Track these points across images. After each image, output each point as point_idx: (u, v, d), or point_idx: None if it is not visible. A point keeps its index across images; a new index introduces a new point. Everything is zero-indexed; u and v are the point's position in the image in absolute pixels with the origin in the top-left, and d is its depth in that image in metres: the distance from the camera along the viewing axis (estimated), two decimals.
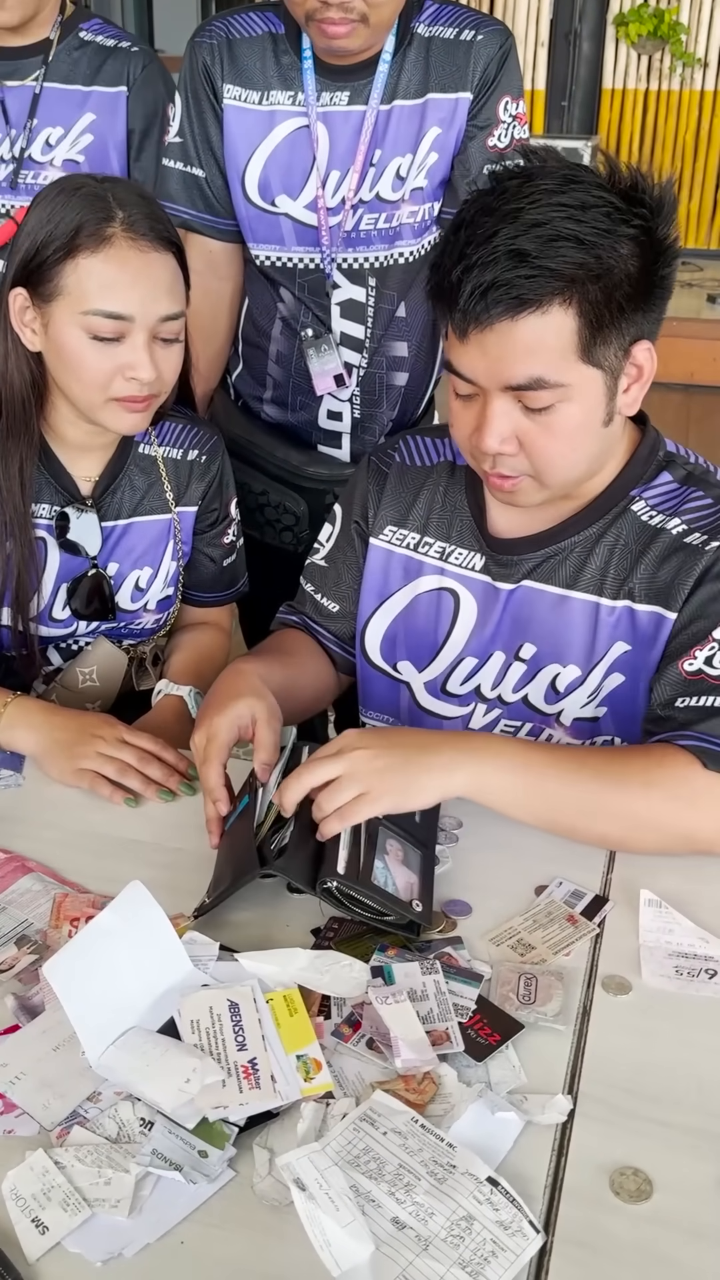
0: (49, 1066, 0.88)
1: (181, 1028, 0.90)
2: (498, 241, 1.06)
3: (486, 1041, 0.93)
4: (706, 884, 1.12)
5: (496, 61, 1.61)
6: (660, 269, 1.12)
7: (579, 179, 1.09)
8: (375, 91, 1.60)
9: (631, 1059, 0.93)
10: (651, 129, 6.74)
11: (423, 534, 1.34)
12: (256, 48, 1.63)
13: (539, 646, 1.27)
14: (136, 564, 1.51)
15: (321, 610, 1.43)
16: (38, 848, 1.16)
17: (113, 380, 1.31)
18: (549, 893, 1.11)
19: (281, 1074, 0.87)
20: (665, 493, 1.23)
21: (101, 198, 1.29)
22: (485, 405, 1.13)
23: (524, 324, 1.07)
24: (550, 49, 6.70)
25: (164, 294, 1.31)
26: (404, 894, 1.05)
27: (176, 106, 1.69)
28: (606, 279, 1.07)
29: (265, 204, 1.66)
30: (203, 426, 1.54)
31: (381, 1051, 0.92)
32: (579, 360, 1.10)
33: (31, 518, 1.41)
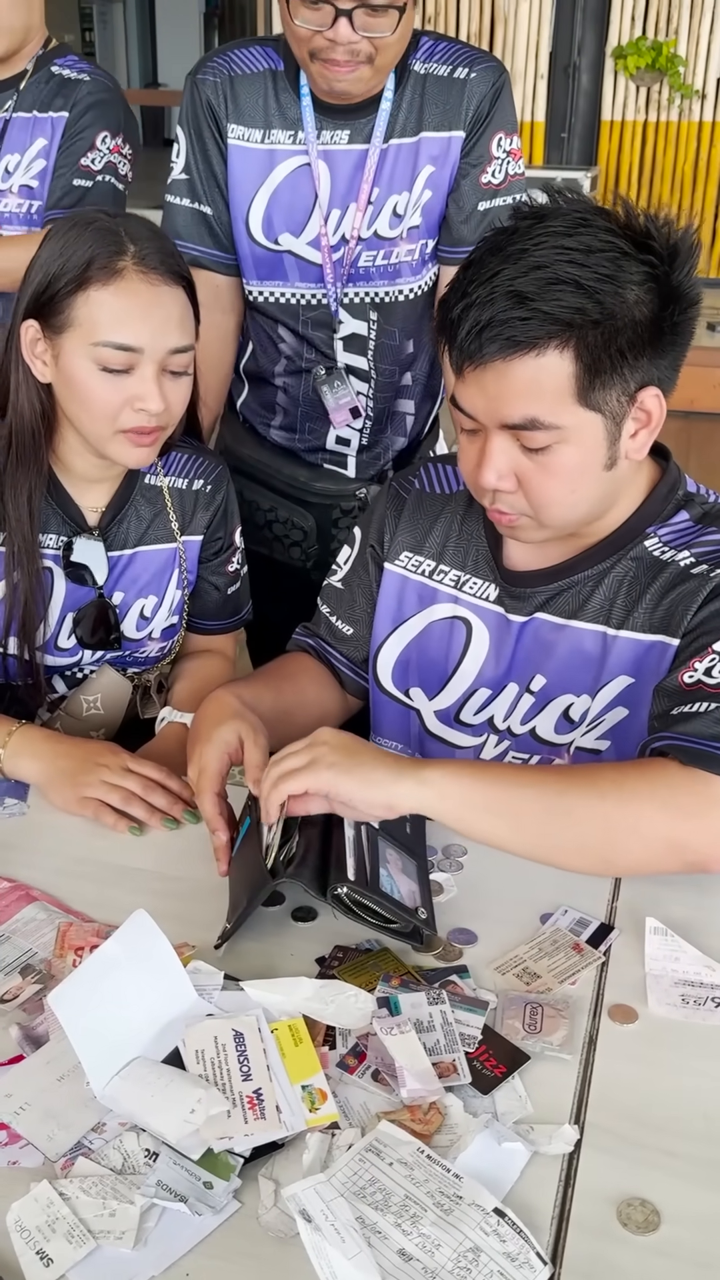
0: (53, 1097, 0.88)
1: (186, 1058, 0.90)
2: (498, 281, 1.07)
3: (492, 1073, 0.93)
4: (713, 912, 1.12)
5: (489, 99, 1.62)
6: (675, 315, 1.11)
7: (590, 222, 1.09)
8: (378, 130, 1.62)
9: (638, 1088, 0.93)
10: (650, 160, 6.79)
11: (438, 561, 1.35)
12: (257, 85, 1.64)
13: (549, 678, 1.27)
14: (142, 593, 1.51)
15: (336, 633, 1.44)
16: (42, 876, 1.16)
17: (121, 411, 1.32)
18: (554, 921, 1.11)
19: (287, 1104, 0.87)
20: (680, 530, 1.23)
21: (114, 232, 1.30)
22: (485, 441, 1.14)
23: (518, 365, 1.08)
24: (549, 81, 6.77)
25: (174, 327, 1.32)
26: (408, 901, 1.06)
27: (180, 143, 1.71)
28: (608, 325, 1.07)
29: (269, 242, 1.67)
30: (208, 456, 1.55)
31: (387, 1083, 0.91)
32: (576, 404, 1.09)
33: (39, 547, 1.42)
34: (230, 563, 1.60)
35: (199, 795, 1.17)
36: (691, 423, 5.55)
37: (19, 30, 1.96)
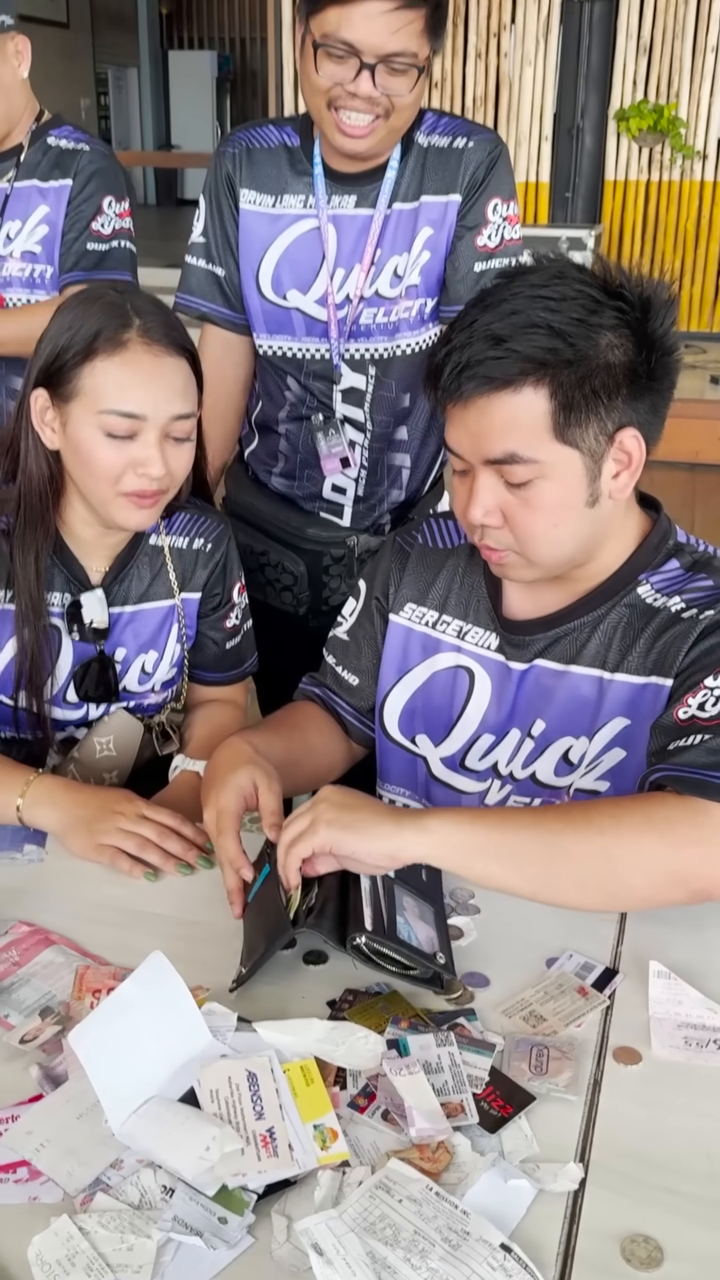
0: (73, 1134, 0.90)
1: (201, 1097, 0.92)
2: (477, 326, 1.15)
3: (499, 1113, 0.95)
4: (716, 955, 1.14)
5: (485, 166, 1.70)
6: (651, 362, 1.17)
7: (565, 275, 1.17)
8: (383, 196, 1.69)
9: (642, 1128, 0.95)
10: (653, 218, 6.92)
11: (441, 612, 1.39)
12: (273, 157, 1.73)
13: (549, 722, 1.31)
14: (143, 648, 1.56)
15: (342, 683, 1.48)
16: (60, 921, 1.19)
17: (124, 475, 1.37)
18: (560, 965, 1.13)
19: (299, 1143, 0.90)
20: (671, 577, 1.27)
21: (120, 306, 1.36)
22: (473, 480, 1.20)
23: (497, 401, 1.15)
24: (554, 143, 6.92)
25: (176, 395, 1.37)
26: (426, 947, 1.09)
27: (201, 209, 1.80)
28: (581, 365, 1.13)
29: (277, 298, 1.75)
30: (210, 516, 1.60)
31: (397, 1122, 0.94)
32: (553, 439, 1.15)
33: (45, 605, 1.47)
34: (228, 618, 1.64)
35: (218, 836, 1.20)
36: (696, 474, 5.62)
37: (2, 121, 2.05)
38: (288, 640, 1.87)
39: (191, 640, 1.61)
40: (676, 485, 5.60)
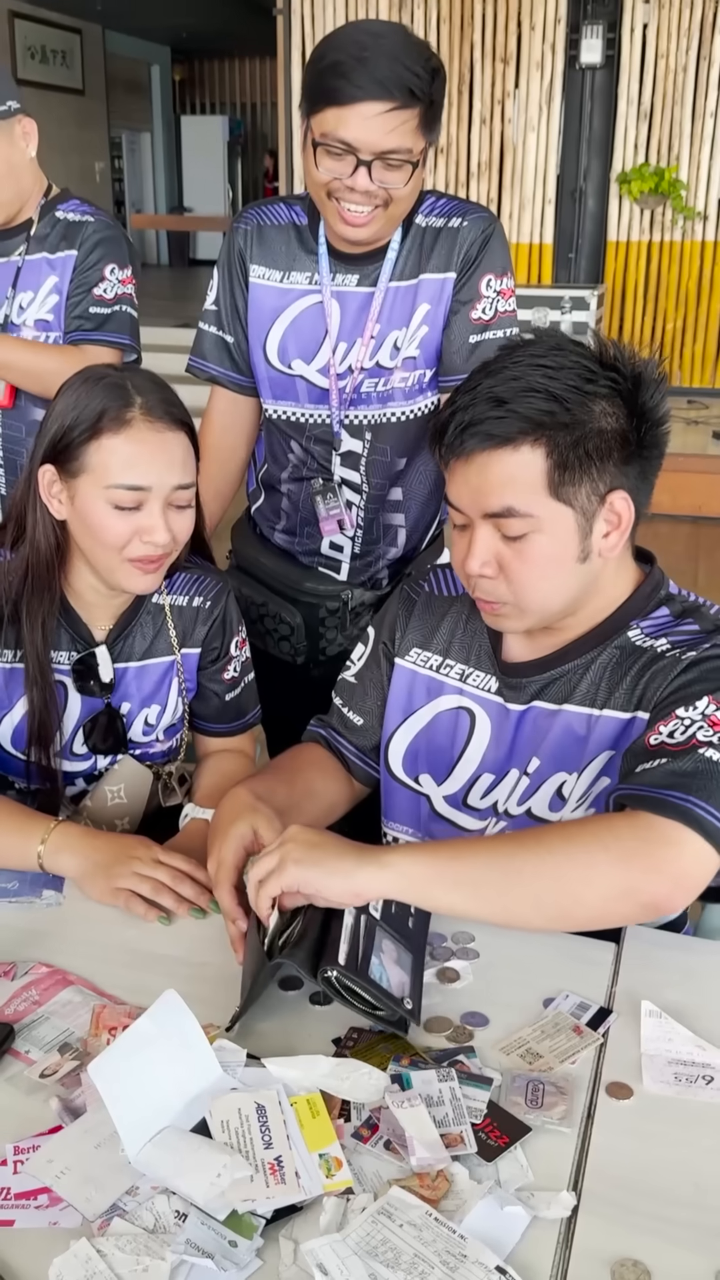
0: (91, 1163, 0.95)
1: (213, 1127, 0.97)
2: (480, 390, 1.23)
3: (496, 1143, 1.00)
4: (705, 996, 1.19)
5: (479, 244, 1.77)
6: (642, 431, 1.25)
7: (564, 347, 1.25)
8: (384, 275, 1.77)
9: (633, 1159, 0.99)
10: (655, 278, 7.06)
11: (445, 656, 1.46)
12: (282, 234, 1.82)
13: (542, 760, 1.37)
14: (146, 702, 1.63)
15: (347, 723, 1.54)
16: (77, 962, 1.24)
17: (130, 542, 1.44)
18: (556, 1005, 1.18)
19: (305, 1170, 0.94)
20: (660, 623, 1.34)
21: (121, 386, 1.44)
22: (472, 534, 1.27)
23: (497, 458, 1.23)
24: (557, 205, 7.08)
25: (177, 467, 1.45)
26: (396, 990, 1.13)
27: (215, 279, 1.89)
28: (576, 429, 1.21)
29: (283, 366, 1.84)
30: (209, 574, 1.67)
31: (398, 1152, 0.98)
32: (548, 496, 1.23)
33: (51, 664, 1.54)
34: (227, 670, 1.70)
35: (217, 888, 1.26)
36: (700, 528, 5.70)
37: (12, 201, 2.14)
38: (289, 689, 1.94)
39: (192, 693, 1.68)
40: (680, 539, 5.68)
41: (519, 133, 6.99)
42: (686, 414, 6.75)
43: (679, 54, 6.64)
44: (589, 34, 6.72)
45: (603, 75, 6.83)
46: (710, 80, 6.68)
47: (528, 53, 6.85)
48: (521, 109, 6.96)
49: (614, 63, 6.75)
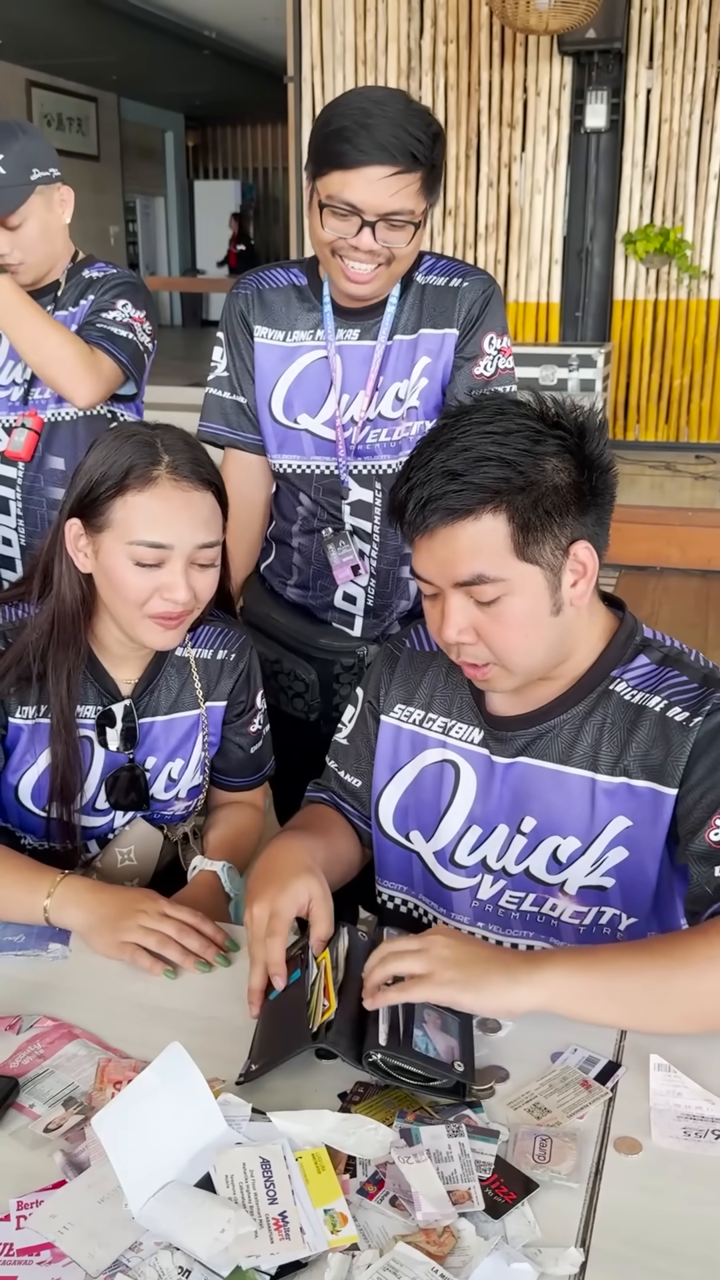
0: (94, 1218, 0.95)
1: (217, 1182, 0.97)
2: (433, 464, 1.25)
3: (504, 1200, 0.99)
4: (713, 1050, 1.17)
5: (480, 304, 1.83)
6: (592, 480, 1.28)
7: (506, 411, 1.27)
8: (384, 329, 1.83)
9: (641, 1215, 0.98)
10: (661, 336, 7.13)
11: (427, 711, 1.46)
12: (282, 296, 1.88)
13: (538, 819, 1.37)
14: (170, 757, 1.63)
15: (346, 786, 1.54)
16: (83, 1015, 1.24)
17: (150, 599, 1.46)
18: (564, 1059, 1.17)
19: (310, 1226, 0.94)
20: (644, 674, 1.35)
21: (151, 444, 1.46)
22: (445, 602, 1.28)
23: (461, 530, 1.24)
24: (564, 265, 7.17)
25: (201, 526, 1.47)
26: (445, 1056, 1.11)
27: (220, 346, 1.93)
28: (533, 490, 1.23)
29: (289, 421, 1.87)
30: (233, 628, 1.68)
31: (404, 1207, 0.97)
32: (515, 558, 1.25)
33: (76, 719, 1.54)
34: (252, 723, 1.71)
35: (269, 936, 1.23)
36: (710, 581, 5.71)
37: (44, 262, 2.18)
38: (300, 745, 1.94)
39: (215, 748, 1.68)
40: (690, 592, 5.69)
41: (526, 195, 7.10)
42: (695, 469, 6.79)
43: (682, 118, 6.76)
44: (594, 99, 6.84)
45: (607, 139, 6.95)
46: (713, 143, 6.79)
47: (534, 118, 6.98)
48: (528, 172, 7.07)
49: (618, 127, 6.87)
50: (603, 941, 1.38)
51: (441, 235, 7.24)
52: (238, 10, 10.21)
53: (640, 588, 5.58)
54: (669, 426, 7.25)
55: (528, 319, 7.20)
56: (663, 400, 7.23)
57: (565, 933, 1.39)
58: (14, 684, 1.52)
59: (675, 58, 6.67)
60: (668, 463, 6.91)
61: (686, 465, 6.86)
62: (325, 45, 7.15)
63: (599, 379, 6.50)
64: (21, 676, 1.52)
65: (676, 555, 5.87)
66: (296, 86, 7.29)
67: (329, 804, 1.57)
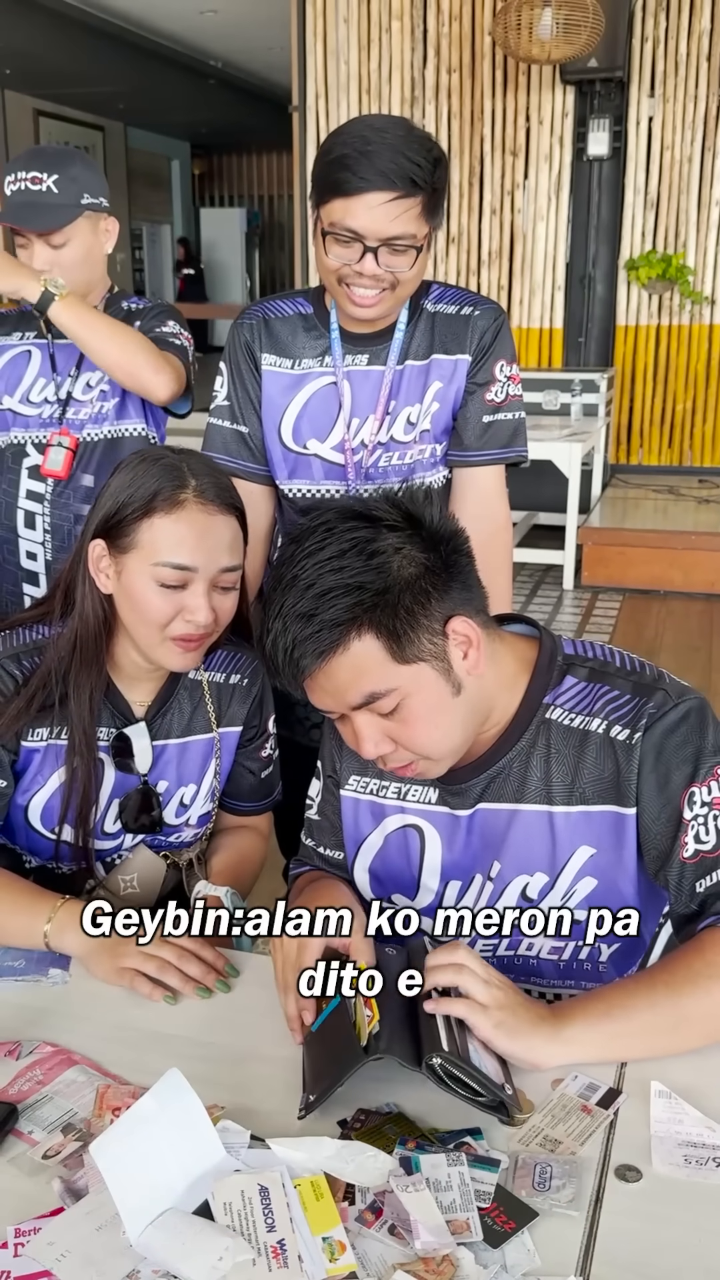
0: (92, 1245, 0.94)
1: (215, 1209, 0.96)
2: (285, 610, 1.22)
3: (503, 1229, 0.98)
4: (714, 1076, 1.17)
5: (491, 332, 1.86)
6: (444, 554, 1.25)
7: (333, 528, 1.24)
8: (392, 355, 1.85)
9: (642, 1243, 0.97)
10: (664, 361, 7.17)
11: (379, 779, 1.43)
12: (289, 325, 1.89)
13: (504, 862, 1.36)
14: (183, 781, 1.63)
15: (329, 860, 1.51)
16: (82, 1041, 1.23)
17: (173, 621, 1.46)
18: (565, 1086, 1.17)
19: (308, 1254, 0.93)
20: (576, 694, 1.33)
21: (177, 468, 1.47)
22: (351, 723, 1.27)
23: (334, 664, 1.22)
24: (567, 291, 7.22)
25: (224, 550, 1.48)
26: (494, 1077, 1.11)
27: (222, 376, 1.94)
28: (386, 599, 1.20)
29: (298, 447, 1.89)
30: (245, 652, 1.68)
31: (403, 1236, 0.97)
32: (397, 664, 1.22)
33: (95, 739, 1.55)
34: (264, 748, 1.71)
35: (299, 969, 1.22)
36: (713, 605, 5.72)
37: (81, 287, 2.20)
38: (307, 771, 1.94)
39: (227, 773, 1.68)
40: (694, 616, 5.70)
41: (528, 222, 7.15)
42: (698, 493, 6.80)
43: (684, 145, 6.81)
44: (596, 127, 6.90)
45: (610, 166, 7.00)
46: (715, 170, 6.84)
47: (536, 146, 7.04)
48: (531, 199, 7.13)
49: (620, 154, 6.92)
50: (585, 974, 1.39)
51: (445, 262, 7.28)
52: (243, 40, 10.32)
53: (644, 611, 5.58)
54: (672, 450, 7.27)
55: (531, 344, 7.23)
56: (666, 424, 7.25)
57: (545, 970, 1.38)
58: (39, 709, 1.52)
59: (676, 86, 6.73)
60: (671, 487, 6.93)
61: (690, 489, 6.87)
62: (330, 75, 7.23)
63: (602, 404, 6.53)
64: (45, 703, 1.52)
65: (680, 579, 5.87)
66: (301, 115, 7.36)
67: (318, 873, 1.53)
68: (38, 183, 2.10)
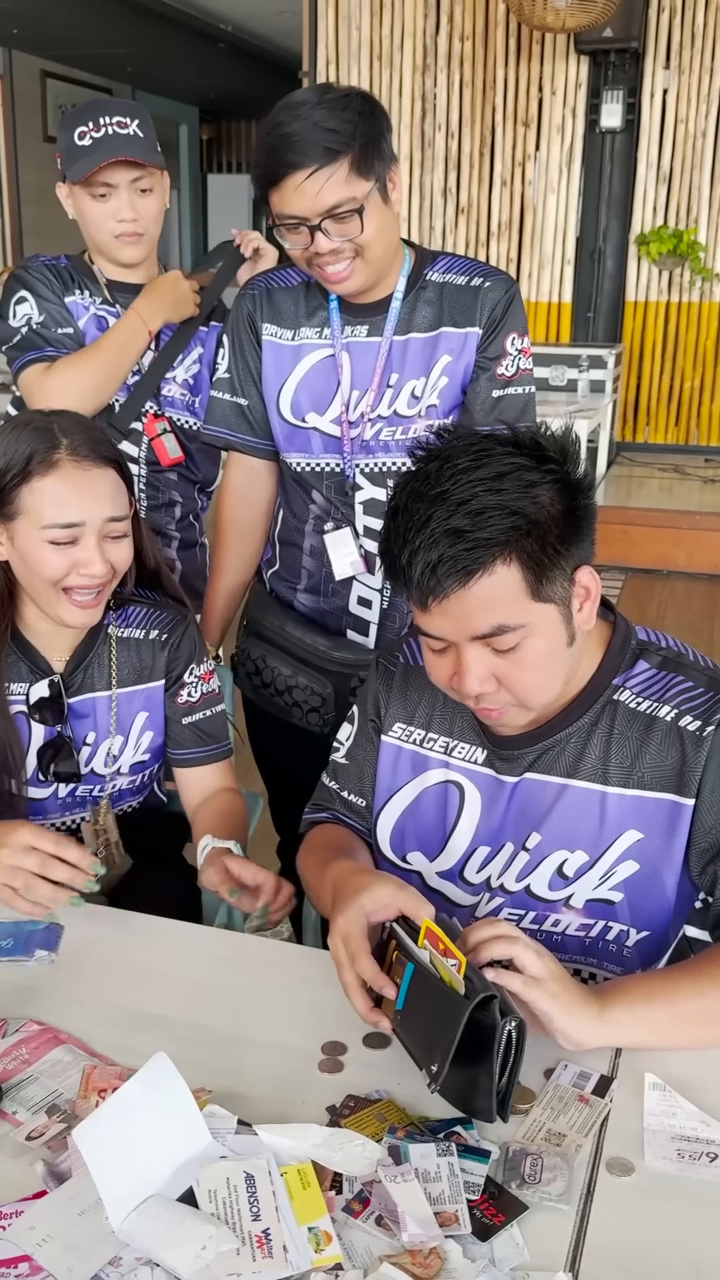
0: (74, 1231, 0.93)
1: (199, 1196, 0.95)
2: (434, 524, 1.18)
3: (491, 1222, 0.97)
4: (710, 1069, 1.15)
5: (503, 304, 1.82)
6: (580, 502, 1.24)
7: (490, 452, 1.21)
8: (389, 326, 1.82)
9: (632, 1239, 0.96)
10: (673, 338, 7.10)
11: (427, 730, 1.43)
12: (291, 295, 1.87)
13: (544, 835, 1.34)
14: (107, 734, 1.66)
15: (351, 806, 1.50)
16: (70, 1021, 1.22)
17: (68, 574, 1.50)
18: (557, 1075, 1.15)
19: (293, 1244, 0.92)
20: (647, 679, 1.33)
21: (48, 429, 1.51)
22: (460, 655, 1.24)
23: (475, 587, 1.19)
24: (576, 265, 7.15)
25: (107, 501, 1.52)
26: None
27: (225, 348, 1.92)
28: (537, 530, 1.19)
29: (296, 420, 1.86)
30: (165, 608, 1.71)
31: (390, 1227, 0.95)
32: (531, 601, 1.21)
33: (7, 696, 1.59)
34: (180, 695, 1.70)
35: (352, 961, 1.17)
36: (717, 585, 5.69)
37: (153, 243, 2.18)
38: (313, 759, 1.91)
39: (161, 726, 1.71)
40: (697, 596, 5.67)
41: (539, 194, 7.07)
42: (704, 473, 6.76)
43: (698, 119, 6.72)
44: (609, 99, 6.81)
45: (622, 139, 6.92)
46: None
47: (549, 117, 6.94)
48: (542, 171, 7.04)
49: (634, 127, 6.83)
50: (609, 955, 1.37)
51: (454, 233, 7.21)
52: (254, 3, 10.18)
53: (647, 591, 5.55)
54: (679, 429, 7.22)
55: (539, 319, 7.17)
56: (673, 403, 7.19)
57: (570, 946, 1.37)
58: None
59: (693, 58, 6.63)
60: (677, 466, 6.88)
61: (696, 468, 6.83)
62: (341, 40, 7.13)
63: (609, 380, 6.47)
64: None
65: (684, 559, 5.83)
66: (312, 82, 7.25)
67: (333, 822, 1.52)
68: (124, 126, 2.07)
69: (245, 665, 2.04)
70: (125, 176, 2.07)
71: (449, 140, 7.12)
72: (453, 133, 7.11)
